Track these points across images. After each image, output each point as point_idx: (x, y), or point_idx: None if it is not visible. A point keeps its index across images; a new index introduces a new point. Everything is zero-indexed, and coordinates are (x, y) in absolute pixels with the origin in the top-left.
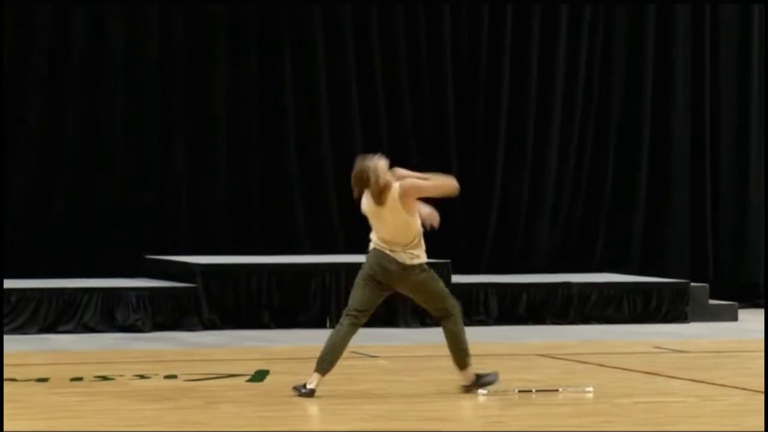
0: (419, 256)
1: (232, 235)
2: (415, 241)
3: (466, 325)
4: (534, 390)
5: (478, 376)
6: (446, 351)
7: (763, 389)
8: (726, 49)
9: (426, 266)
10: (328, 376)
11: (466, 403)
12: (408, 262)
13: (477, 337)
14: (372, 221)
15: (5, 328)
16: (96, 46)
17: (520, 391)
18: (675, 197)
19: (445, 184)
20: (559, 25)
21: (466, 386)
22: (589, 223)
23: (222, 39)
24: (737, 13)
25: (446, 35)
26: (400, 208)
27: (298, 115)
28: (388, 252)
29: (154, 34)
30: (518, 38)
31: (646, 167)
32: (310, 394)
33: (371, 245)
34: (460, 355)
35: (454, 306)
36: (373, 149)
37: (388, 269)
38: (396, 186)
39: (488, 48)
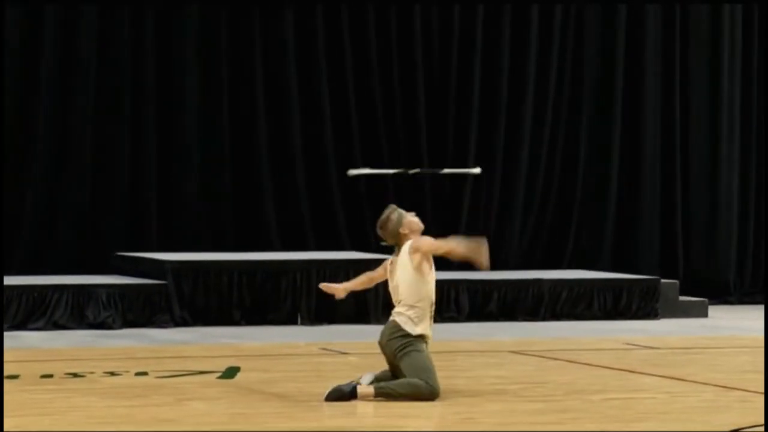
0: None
1: (203, 233)
2: (418, 305)
3: (437, 321)
4: None
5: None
6: None
7: (733, 386)
8: (696, 51)
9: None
10: (298, 374)
11: (437, 400)
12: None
13: (448, 334)
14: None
15: None
16: (67, 44)
17: None
18: (645, 195)
19: (469, 247)
20: (529, 24)
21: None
22: (561, 221)
23: (193, 37)
24: (707, 12)
25: (417, 34)
26: (408, 263)
27: (268, 113)
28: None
29: (126, 33)
30: (489, 37)
31: (617, 165)
32: None
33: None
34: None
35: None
36: (343, 148)
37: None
38: (410, 240)
39: (459, 47)
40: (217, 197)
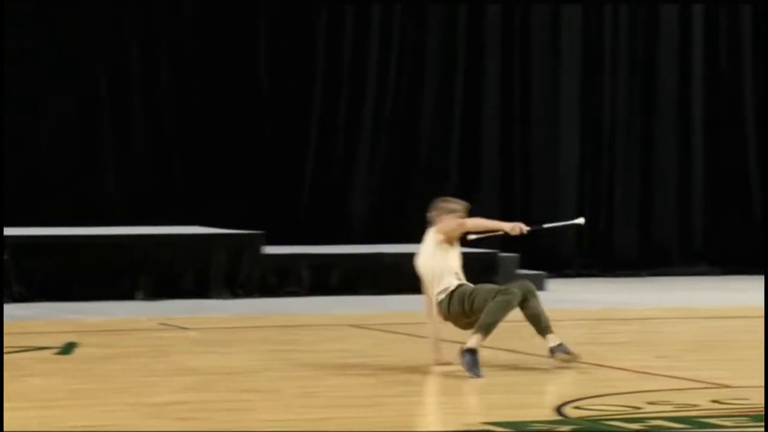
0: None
1: (45, 207)
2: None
3: (281, 296)
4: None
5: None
6: (258, 322)
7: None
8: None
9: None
10: (138, 348)
11: (279, 374)
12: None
13: (290, 308)
14: None
15: None
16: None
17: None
18: (485, 176)
19: (488, 224)
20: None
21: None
22: (402, 191)
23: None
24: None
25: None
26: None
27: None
28: None
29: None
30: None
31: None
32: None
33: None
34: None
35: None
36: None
37: None
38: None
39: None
40: (58, 169)
